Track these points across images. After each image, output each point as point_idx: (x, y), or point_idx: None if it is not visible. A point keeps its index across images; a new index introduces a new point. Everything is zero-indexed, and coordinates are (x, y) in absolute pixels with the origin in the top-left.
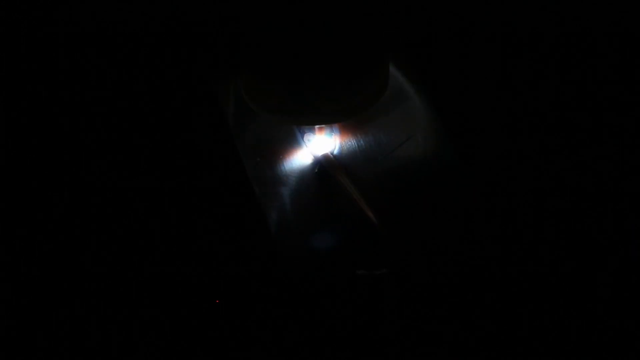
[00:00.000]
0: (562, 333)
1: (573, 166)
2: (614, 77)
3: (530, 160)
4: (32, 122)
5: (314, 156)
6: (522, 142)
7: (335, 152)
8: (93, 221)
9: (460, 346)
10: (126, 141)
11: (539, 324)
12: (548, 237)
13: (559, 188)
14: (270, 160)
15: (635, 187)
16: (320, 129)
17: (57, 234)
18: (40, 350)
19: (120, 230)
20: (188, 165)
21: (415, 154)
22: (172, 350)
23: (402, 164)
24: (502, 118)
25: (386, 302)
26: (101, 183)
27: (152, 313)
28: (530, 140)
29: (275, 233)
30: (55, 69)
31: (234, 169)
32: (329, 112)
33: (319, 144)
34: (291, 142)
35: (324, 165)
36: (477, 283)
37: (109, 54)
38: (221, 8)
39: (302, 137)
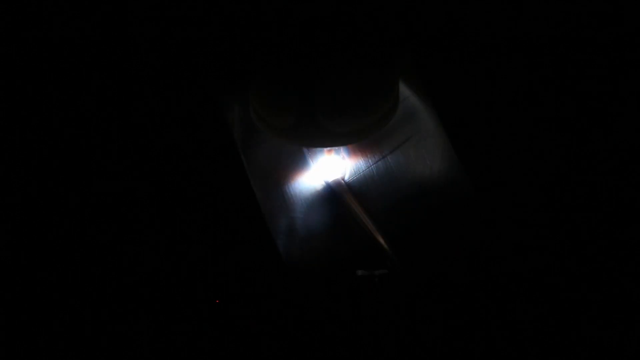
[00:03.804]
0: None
1: (576, 170)
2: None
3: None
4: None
5: (325, 181)
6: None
7: (346, 173)
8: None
9: (460, 347)
10: (134, 160)
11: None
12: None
13: (562, 192)
14: (278, 180)
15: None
16: (329, 150)
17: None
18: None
19: (126, 244)
20: (196, 184)
21: (426, 177)
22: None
23: (411, 185)
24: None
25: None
26: (106, 202)
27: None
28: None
29: (282, 252)
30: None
31: (242, 189)
32: (340, 135)
33: (328, 166)
34: (299, 162)
35: (333, 189)
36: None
37: (120, 70)
38: (233, 30)
39: (310, 158)
